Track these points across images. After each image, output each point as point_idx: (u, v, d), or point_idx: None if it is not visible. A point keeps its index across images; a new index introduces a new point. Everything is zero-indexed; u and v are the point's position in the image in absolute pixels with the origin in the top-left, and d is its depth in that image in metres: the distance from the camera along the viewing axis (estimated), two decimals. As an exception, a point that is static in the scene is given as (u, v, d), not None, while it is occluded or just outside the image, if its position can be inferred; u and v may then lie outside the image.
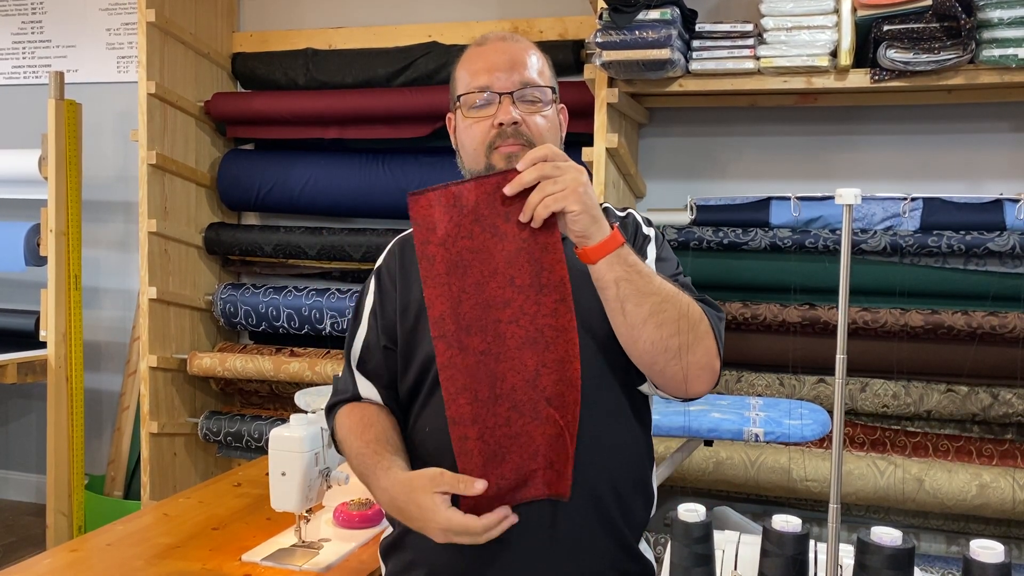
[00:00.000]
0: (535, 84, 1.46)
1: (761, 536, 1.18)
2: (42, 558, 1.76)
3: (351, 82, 3.51)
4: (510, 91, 1.44)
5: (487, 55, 1.48)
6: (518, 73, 1.45)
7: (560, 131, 1.53)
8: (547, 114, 1.47)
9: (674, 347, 1.31)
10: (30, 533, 3.86)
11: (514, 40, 1.51)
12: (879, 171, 3.08)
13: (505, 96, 1.44)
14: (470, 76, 1.48)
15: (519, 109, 1.44)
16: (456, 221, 1.25)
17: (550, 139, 1.46)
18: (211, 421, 3.59)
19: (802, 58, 2.62)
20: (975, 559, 1.04)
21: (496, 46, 1.49)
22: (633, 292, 1.28)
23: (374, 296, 1.57)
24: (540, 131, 1.45)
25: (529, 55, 1.49)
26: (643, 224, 1.57)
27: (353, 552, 1.82)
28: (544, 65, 1.51)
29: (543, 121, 1.45)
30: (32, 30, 4.19)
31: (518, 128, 1.43)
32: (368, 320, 1.56)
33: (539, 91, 1.46)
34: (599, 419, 1.41)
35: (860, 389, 2.91)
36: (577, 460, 1.31)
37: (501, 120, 1.42)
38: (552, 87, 1.50)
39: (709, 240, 2.95)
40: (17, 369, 3.54)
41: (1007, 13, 2.45)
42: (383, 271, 1.58)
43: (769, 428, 2.28)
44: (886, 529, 1.09)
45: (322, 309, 3.44)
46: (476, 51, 1.50)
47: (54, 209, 3.50)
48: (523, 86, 1.45)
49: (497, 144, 1.43)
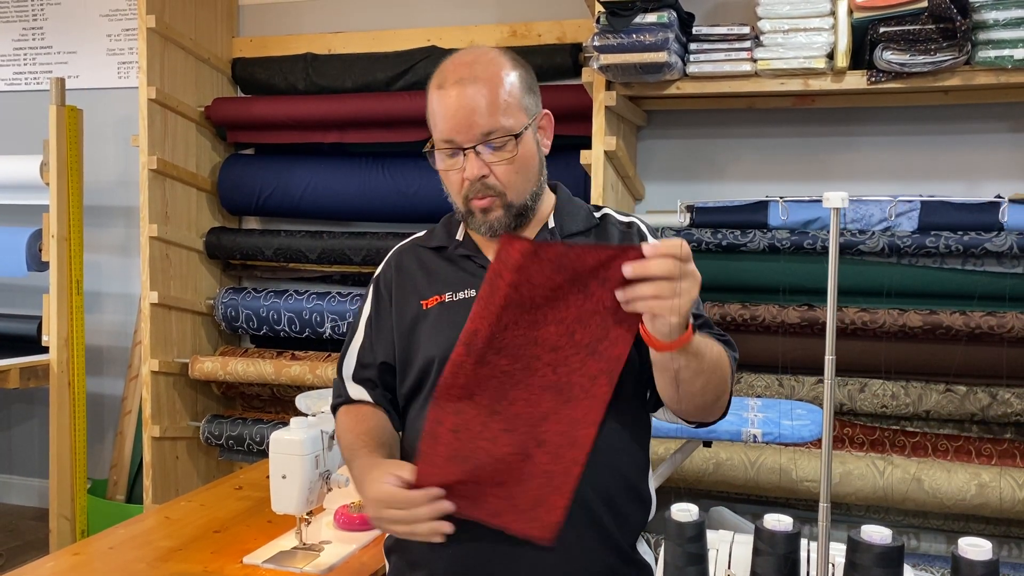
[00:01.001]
0: (496, 130, 1.42)
1: (753, 535, 1.19)
2: (45, 562, 1.77)
3: (351, 86, 3.53)
4: (473, 145, 1.43)
5: (447, 104, 1.43)
6: (477, 126, 1.42)
7: (539, 152, 1.52)
8: (517, 153, 1.45)
9: (711, 402, 1.39)
10: (33, 537, 3.87)
11: (471, 81, 1.43)
12: (876, 172, 3.09)
13: (469, 151, 1.43)
14: (438, 123, 1.46)
15: (485, 158, 1.44)
16: (547, 275, 1.21)
17: (521, 180, 1.47)
18: (213, 425, 3.61)
19: (799, 60, 2.63)
20: (964, 556, 1.05)
21: (453, 93, 1.43)
22: (689, 375, 1.30)
23: (371, 307, 1.62)
24: (509, 177, 1.45)
25: (490, 93, 1.43)
26: (650, 236, 1.56)
27: (354, 554, 1.83)
28: (513, 89, 1.46)
29: (511, 167, 1.45)
30: (33, 36, 4.21)
31: (485, 181, 1.44)
32: (364, 330, 1.62)
33: (501, 139, 1.43)
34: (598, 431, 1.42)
35: (859, 389, 2.92)
36: None
37: (467, 177, 1.45)
38: (524, 110, 1.47)
39: (707, 242, 2.96)
40: (19, 374, 3.54)
41: (1002, 14, 2.46)
42: (380, 282, 1.63)
43: (767, 429, 2.29)
44: (876, 528, 1.10)
45: (323, 312, 3.45)
46: (437, 96, 1.45)
47: (55, 214, 3.51)
48: (485, 136, 1.42)
49: (471, 196, 1.46)
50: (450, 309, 1.51)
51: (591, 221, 1.58)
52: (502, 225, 1.48)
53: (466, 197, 1.47)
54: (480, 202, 1.46)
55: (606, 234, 1.55)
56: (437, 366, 1.47)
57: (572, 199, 1.62)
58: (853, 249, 2.84)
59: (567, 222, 1.56)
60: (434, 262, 1.59)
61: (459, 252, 1.56)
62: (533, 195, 1.51)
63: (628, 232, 1.55)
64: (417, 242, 1.65)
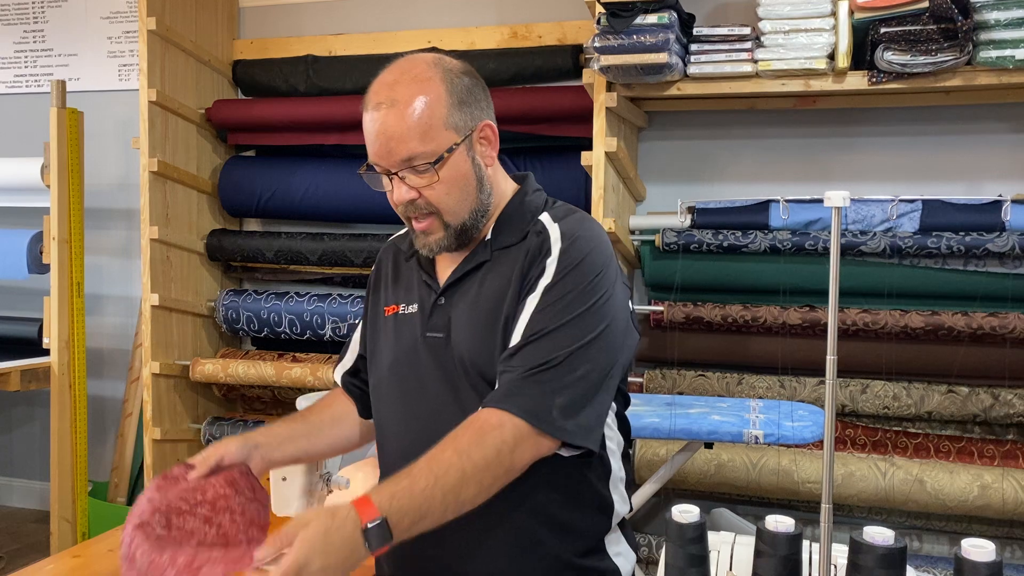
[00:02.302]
0: (416, 155, 1.36)
1: (755, 537, 1.19)
2: (45, 564, 1.76)
3: (351, 88, 3.53)
4: (396, 171, 1.39)
5: (368, 128, 1.39)
6: (395, 153, 1.37)
7: (475, 168, 1.44)
8: (443, 175, 1.39)
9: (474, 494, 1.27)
10: (34, 540, 3.87)
11: (389, 105, 1.36)
12: (878, 173, 3.09)
13: (394, 176, 1.40)
14: (368, 145, 1.41)
15: (411, 182, 1.39)
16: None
17: (454, 200, 1.41)
18: (214, 427, 3.60)
19: (800, 61, 2.63)
20: (966, 558, 1.05)
21: (372, 118, 1.38)
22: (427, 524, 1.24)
23: (366, 301, 1.69)
24: (439, 200, 1.40)
25: (404, 121, 1.36)
26: (557, 241, 1.42)
27: (354, 556, 1.82)
28: (432, 111, 1.37)
29: (440, 188, 1.39)
30: (34, 39, 4.21)
31: (416, 203, 1.41)
32: (361, 321, 1.69)
33: (422, 165, 1.37)
34: None
35: (861, 390, 2.91)
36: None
37: (396, 202, 1.42)
38: (453, 129, 1.39)
39: (709, 243, 2.95)
40: (20, 376, 3.55)
41: (1004, 15, 2.45)
42: (371, 277, 1.68)
43: (769, 430, 2.29)
44: (879, 529, 1.09)
45: (323, 314, 3.45)
46: (365, 116, 1.40)
47: (56, 217, 3.52)
48: (406, 163, 1.37)
49: (408, 215, 1.44)
50: (401, 322, 1.54)
51: (524, 231, 1.47)
52: (440, 247, 1.44)
53: (406, 217, 1.45)
54: (419, 224, 1.43)
55: (525, 245, 1.45)
56: (383, 377, 1.54)
57: (525, 201, 1.52)
58: (855, 250, 2.83)
59: (504, 233, 1.48)
60: (401, 266, 1.61)
61: (412, 263, 1.58)
62: (474, 213, 1.45)
63: (537, 240, 1.44)
64: (396, 241, 1.68)
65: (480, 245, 1.49)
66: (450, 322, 1.46)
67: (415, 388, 1.48)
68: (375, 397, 1.57)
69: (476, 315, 1.43)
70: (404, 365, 1.50)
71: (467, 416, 1.33)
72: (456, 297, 1.47)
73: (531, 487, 1.38)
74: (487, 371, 1.40)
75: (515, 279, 1.43)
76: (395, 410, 1.52)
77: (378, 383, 1.56)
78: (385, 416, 1.55)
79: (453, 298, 1.48)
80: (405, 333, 1.51)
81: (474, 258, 1.48)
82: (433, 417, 1.44)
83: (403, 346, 1.51)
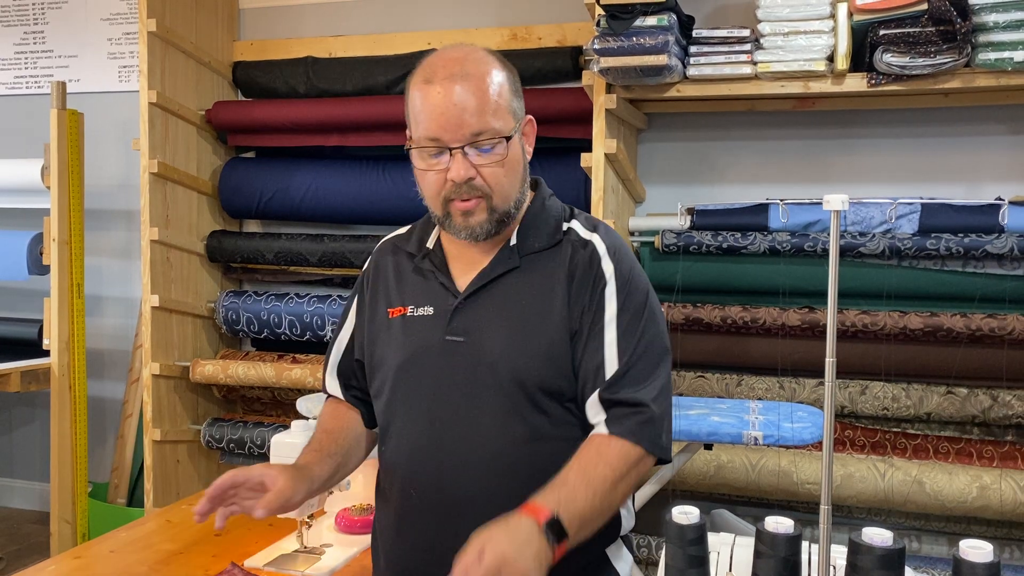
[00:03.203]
0: (486, 131, 1.38)
1: (754, 538, 1.19)
2: (46, 565, 1.77)
3: (351, 90, 3.53)
4: (461, 145, 1.37)
5: (434, 101, 1.38)
6: (467, 125, 1.36)
7: (524, 157, 1.48)
8: (503, 158, 1.40)
9: (613, 508, 1.37)
10: (34, 541, 3.87)
11: (462, 77, 1.38)
12: (877, 174, 3.09)
13: (456, 151, 1.38)
14: (420, 121, 1.40)
15: (472, 160, 1.39)
16: None
17: (508, 183, 1.43)
18: (214, 428, 3.61)
19: (799, 63, 2.64)
20: (964, 559, 1.05)
21: (444, 88, 1.37)
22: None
23: (356, 303, 1.63)
24: (496, 180, 1.41)
25: (481, 93, 1.38)
26: (605, 257, 1.47)
27: (355, 557, 1.83)
28: (501, 90, 1.41)
29: (499, 169, 1.40)
30: (34, 40, 4.21)
31: (472, 183, 1.40)
32: (348, 325, 1.64)
33: (491, 140, 1.38)
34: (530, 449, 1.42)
35: (860, 392, 2.92)
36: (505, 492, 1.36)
37: (453, 178, 1.39)
38: (513, 110, 1.43)
39: (708, 244, 2.96)
40: (20, 377, 3.55)
41: (1002, 17, 2.46)
42: (364, 278, 1.64)
43: (768, 431, 2.29)
44: (877, 530, 1.10)
45: (323, 316, 3.45)
46: (424, 92, 1.40)
47: (56, 218, 3.52)
48: (475, 136, 1.37)
49: (452, 198, 1.42)
50: (411, 324, 1.51)
51: (555, 237, 1.49)
52: (484, 231, 1.44)
53: (446, 199, 1.42)
54: (464, 204, 1.41)
55: (560, 253, 1.47)
56: (392, 378, 1.50)
57: (546, 206, 1.54)
58: (854, 251, 2.84)
59: (531, 238, 1.49)
60: (406, 269, 1.57)
61: (425, 265, 1.54)
62: (516, 202, 1.47)
63: (583, 252, 1.47)
64: (396, 241, 1.65)
65: (505, 249, 1.48)
66: (475, 325, 1.45)
67: (430, 389, 1.46)
68: (382, 398, 1.53)
69: (510, 320, 1.43)
70: (417, 366, 1.48)
71: (487, 417, 1.39)
72: (481, 301, 1.46)
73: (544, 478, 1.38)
74: (524, 375, 1.40)
75: (561, 290, 1.44)
76: (407, 409, 1.49)
77: (383, 384, 1.52)
78: (394, 416, 1.51)
79: (478, 302, 1.46)
80: (418, 335, 1.49)
81: (502, 263, 1.47)
82: (452, 418, 1.44)
83: (416, 348, 1.48)
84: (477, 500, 1.40)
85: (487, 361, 1.42)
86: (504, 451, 1.40)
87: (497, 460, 1.40)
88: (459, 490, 1.42)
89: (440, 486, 1.43)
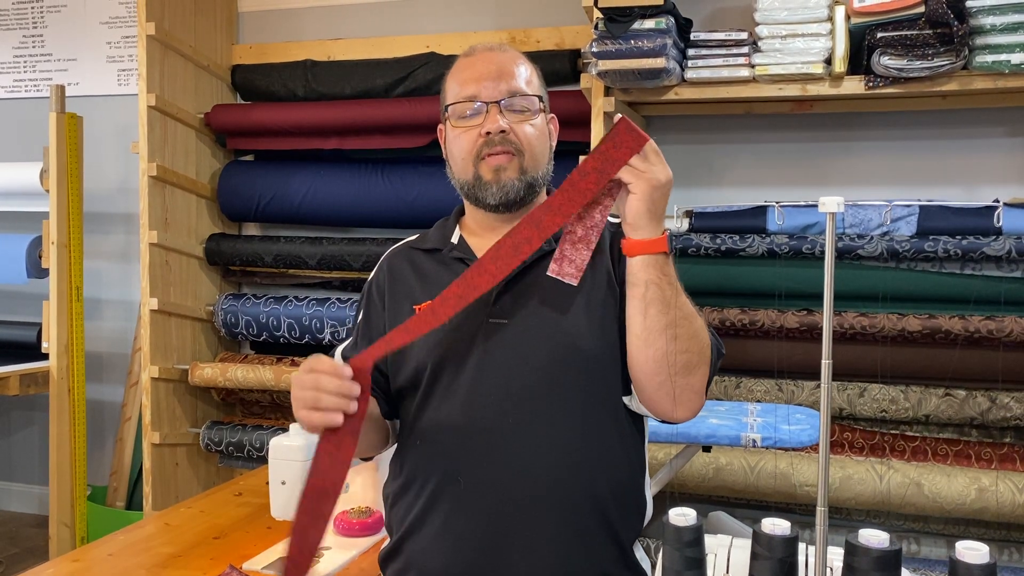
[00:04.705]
0: (523, 93, 1.48)
1: (751, 540, 1.20)
2: (45, 568, 1.77)
3: (350, 93, 3.53)
4: (497, 100, 1.45)
5: (475, 65, 1.49)
6: (505, 82, 1.46)
7: (550, 140, 1.55)
8: (535, 123, 1.49)
9: (680, 364, 1.33)
10: (33, 544, 3.87)
11: (502, 50, 1.52)
12: (875, 177, 3.10)
13: (492, 105, 1.45)
14: (459, 86, 1.49)
15: (507, 118, 1.45)
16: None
17: (538, 148, 1.49)
18: (212, 431, 3.61)
19: (797, 65, 2.64)
20: (961, 560, 1.06)
21: (484, 56, 1.50)
22: (660, 299, 1.30)
23: (363, 312, 1.60)
24: (528, 139, 1.47)
25: (517, 65, 1.50)
26: None
27: (353, 560, 1.83)
28: (533, 75, 1.53)
29: (531, 130, 1.47)
30: (33, 44, 4.22)
31: (506, 136, 1.44)
32: (355, 333, 1.60)
33: (527, 100, 1.48)
34: (579, 429, 1.41)
35: (858, 394, 2.92)
36: (556, 469, 1.37)
37: (488, 129, 1.44)
38: (540, 96, 1.52)
39: (706, 247, 2.96)
40: (19, 381, 3.55)
41: (999, 19, 2.46)
42: (373, 287, 1.60)
43: (766, 433, 2.30)
44: (874, 531, 1.10)
45: (322, 318, 3.46)
46: (464, 62, 1.52)
47: (55, 221, 3.52)
48: (511, 95, 1.46)
49: (484, 153, 1.45)
50: None
51: None
52: (514, 189, 1.47)
53: (478, 155, 1.46)
54: (496, 158, 1.45)
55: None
56: (429, 372, 1.46)
57: None
58: (852, 254, 2.84)
59: None
60: (427, 265, 1.56)
61: (453, 255, 1.54)
62: (543, 177, 1.53)
63: (618, 231, 1.49)
64: (410, 244, 1.63)
65: None
66: (518, 309, 1.44)
67: (475, 368, 1.43)
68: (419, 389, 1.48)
69: (558, 301, 1.43)
70: (459, 344, 1.45)
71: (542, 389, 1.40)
72: (521, 286, 1.46)
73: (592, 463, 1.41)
74: (587, 346, 1.42)
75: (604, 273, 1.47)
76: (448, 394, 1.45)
77: (420, 373, 1.47)
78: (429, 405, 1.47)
79: (517, 287, 1.46)
80: (455, 321, 1.43)
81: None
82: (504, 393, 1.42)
83: (454, 330, 1.45)
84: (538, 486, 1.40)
85: (532, 339, 1.42)
86: (571, 441, 1.41)
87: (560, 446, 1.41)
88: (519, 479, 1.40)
89: (501, 466, 1.41)
